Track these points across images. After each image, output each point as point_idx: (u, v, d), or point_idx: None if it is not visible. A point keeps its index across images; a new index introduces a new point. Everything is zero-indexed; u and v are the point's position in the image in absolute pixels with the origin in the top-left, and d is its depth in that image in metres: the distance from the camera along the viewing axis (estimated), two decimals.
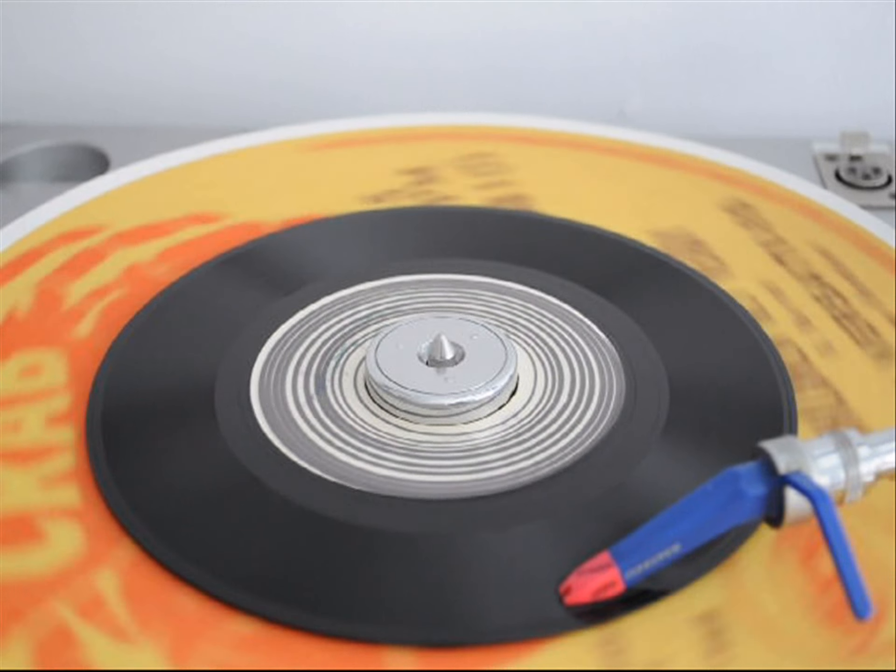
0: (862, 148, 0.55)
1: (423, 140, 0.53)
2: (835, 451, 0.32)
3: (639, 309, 0.43)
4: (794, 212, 0.48)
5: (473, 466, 0.37)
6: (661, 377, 0.40)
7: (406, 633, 0.32)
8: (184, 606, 0.33)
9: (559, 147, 0.53)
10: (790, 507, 0.31)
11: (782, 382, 0.39)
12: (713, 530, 0.32)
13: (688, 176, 0.51)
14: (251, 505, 0.35)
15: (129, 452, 0.37)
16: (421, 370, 0.39)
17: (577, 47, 0.62)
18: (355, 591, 0.33)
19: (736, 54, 0.62)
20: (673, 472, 0.36)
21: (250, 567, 0.34)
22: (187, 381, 0.40)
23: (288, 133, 0.54)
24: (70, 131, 0.57)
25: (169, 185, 0.50)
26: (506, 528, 0.35)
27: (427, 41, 0.62)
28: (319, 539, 0.34)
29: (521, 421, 0.39)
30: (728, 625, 0.32)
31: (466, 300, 0.43)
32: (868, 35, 0.61)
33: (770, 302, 0.43)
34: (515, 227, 0.47)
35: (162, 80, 0.63)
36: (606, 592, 0.32)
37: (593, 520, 0.35)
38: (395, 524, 0.35)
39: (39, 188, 0.55)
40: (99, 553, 0.34)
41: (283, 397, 0.39)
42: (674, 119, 0.63)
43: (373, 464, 0.37)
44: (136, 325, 0.42)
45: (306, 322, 0.42)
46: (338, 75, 0.63)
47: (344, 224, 0.48)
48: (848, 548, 0.30)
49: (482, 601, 0.33)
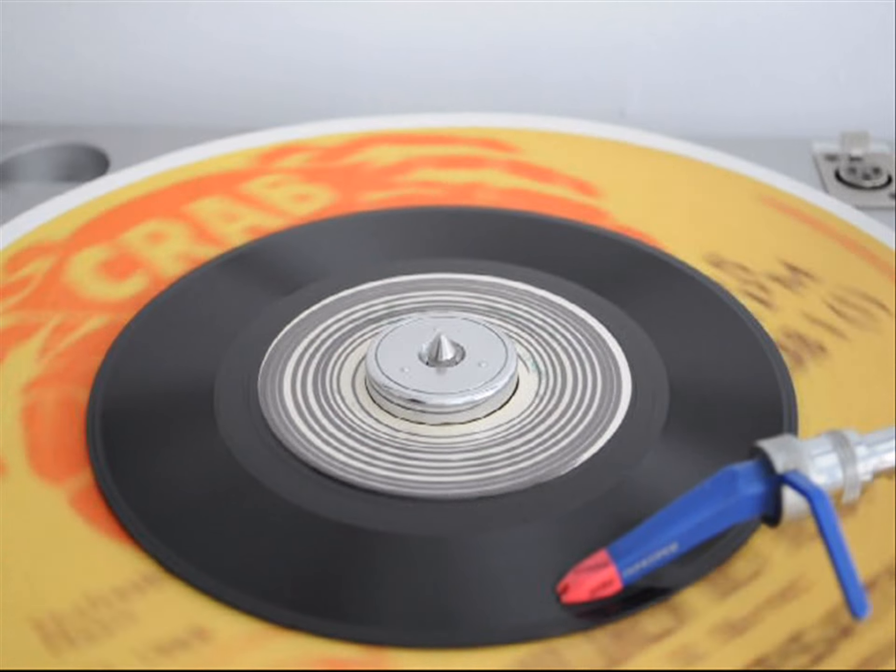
0: (862, 148, 0.55)
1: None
2: (832, 451, 0.32)
3: (639, 308, 0.43)
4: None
5: (474, 466, 0.37)
6: (661, 377, 0.40)
7: (406, 633, 0.32)
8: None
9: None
10: (787, 505, 0.31)
11: (782, 382, 0.39)
12: (711, 529, 0.32)
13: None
14: (250, 505, 0.35)
15: (129, 452, 0.37)
16: (421, 370, 0.39)
17: (577, 48, 0.62)
18: (355, 591, 0.33)
19: (736, 55, 0.62)
20: (673, 472, 0.36)
21: (250, 567, 0.34)
22: (187, 380, 0.40)
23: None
24: (70, 131, 0.57)
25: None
26: (506, 527, 0.35)
27: (427, 42, 0.62)
28: (318, 539, 0.34)
29: (521, 421, 0.39)
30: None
31: (467, 300, 0.43)
32: (868, 35, 0.61)
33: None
34: (516, 227, 0.47)
35: (162, 80, 0.63)
36: (604, 591, 0.32)
37: (593, 519, 0.35)
38: (394, 524, 0.35)
39: (39, 188, 0.55)
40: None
41: (282, 397, 0.39)
42: (674, 119, 0.62)
43: (372, 464, 0.37)
44: (136, 326, 0.42)
45: (306, 322, 0.42)
46: (338, 77, 0.63)
47: (344, 224, 0.48)
48: (845, 547, 0.30)
49: (482, 601, 0.33)
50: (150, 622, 0.32)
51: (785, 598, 0.33)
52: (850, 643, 0.31)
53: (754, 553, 0.34)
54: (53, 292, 0.44)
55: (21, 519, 0.36)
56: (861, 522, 0.35)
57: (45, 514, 0.36)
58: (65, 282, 0.45)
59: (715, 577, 0.33)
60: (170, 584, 0.33)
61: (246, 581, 0.33)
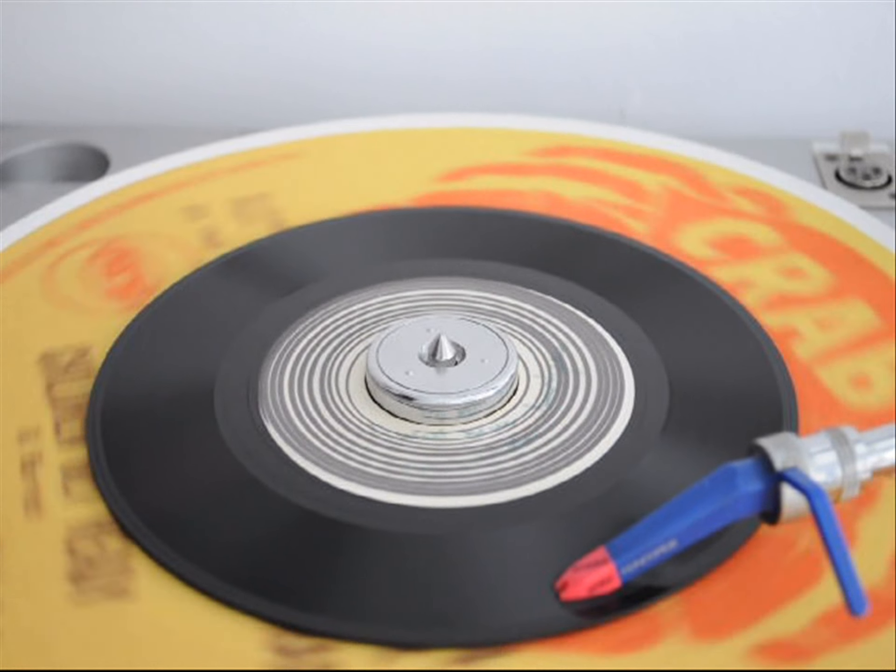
0: (862, 148, 0.55)
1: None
2: (831, 448, 0.32)
3: (639, 308, 0.43)
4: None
5: (474, 466, 0.37)
6: (661, 376, 0.40)
7: (406, 633, 0.32)
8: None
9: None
10: (786, 503, 0.31)
11: (783, 381, 0.39)
12: (710, 527, 0.32)
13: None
14: (251, 505, 0.35)
15: (130, 452, 0.37)
16: (421, 370, 0.39)
17: (577, 48, 0.62)
18: (355, 591, 0.33)
19: (736, 55, 0.62)
20: (673, 471, 0.36)
21: (250, 567, 0.34)
22: (187, 381, 0.40)
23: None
24: (70, 131, 0.57)
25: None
26: (506, 527, 0.35)
27: (427, 42, 0.62)
28: (318, 539, 0.34)
29: (521, 420, 0.39)
30: None
31: (467, 300, 0.43)
32: (868, 35, 0.61)
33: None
34: (516, 228, 0.47)
35: (162, 80, 0.63)
36: (603, 588, 0.32)
37: (593, 518, 0.35)
38: (394, 524, 0.35)
39: (39, 188, 0.55)
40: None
41: (282, 397, 0.39)
42: (674, 119, 0.62)
43: (372, 464, 0.37)
44: (136, 326, 0.42)
45: (306, 322, 0.42)
46: (338, 77, 0.63)
47: (344, 224, 0.48)
48: (844, 545, 0.30)
49: (482, 601, 0.33)
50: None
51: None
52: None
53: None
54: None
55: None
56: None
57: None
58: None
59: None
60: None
61: (246, 580, 0.33)
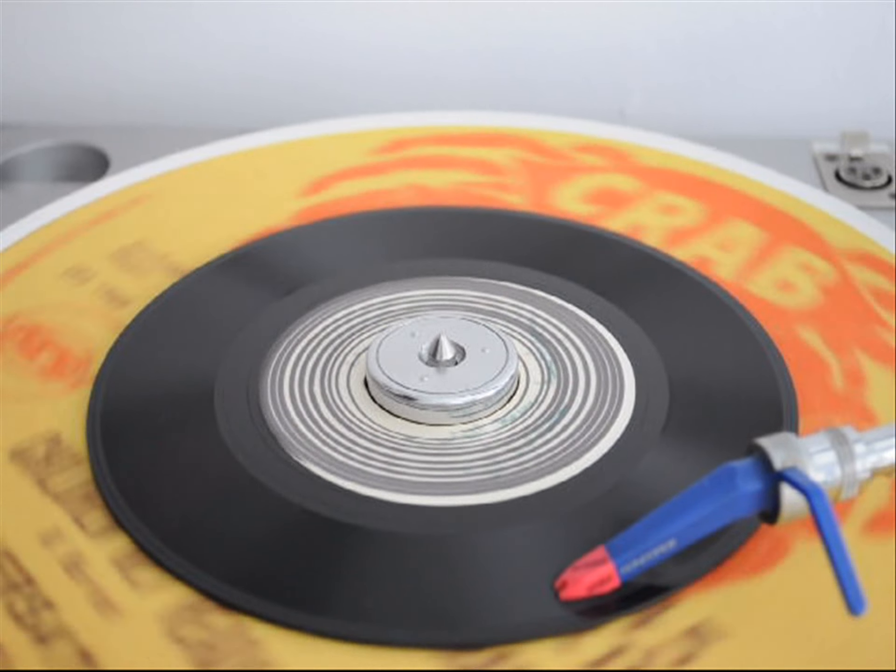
0: (862, 148, 0.55)
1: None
2: (831, 448, 0.32)
3: (639, 308, 0.43)
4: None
5: (474, 466, 0.37)
6: (661, 376, 0.40)
7: (406, 632, 0.32)
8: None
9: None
10: (785, 503, 0.31)
11: (783, 381, 0.39)
12: (709, 526, 0.32)
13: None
14: (251, 505, 0.35)
15: (130, 452, 0.37)
16: (422, 370, 0.39)
17: (577, 48, 0.62)
18: (355, 591, 0.33)
19: (736, 54, 0.62)
20: (673, 471, 0.36)
21: (250, 567, 0.34)
22: (187, 381, 0.40)
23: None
24: (70, 131, 0.57)
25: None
26: (506, 527, 0.35)
27: (427, 42, 0.62)
28: (319, 539, 0.34)
29: (521, 420, 0.39)
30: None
31: (467, 300, 0.43)
32: (868, 35, 0.61)
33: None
34: (516, 228, 0.47)
35: (162, 80, 0.63)
36: (602, 587, 0.32)
37: (593, 518, 0.35)
38: (394, 524, 0.35)
39: (39, 188, 0.55)
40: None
41: (282, 397, 0.39)
42: (674, 119, 0.63)
43: (372, 464, 0.37)
44: (136, 326, 0.42)
45: (306, 322, 0.42)
46: (338, 77, 0.63)
47: (343, 224, 0.48)
48: (843, 544, 0.30)
49: (483, 601, 0.33)
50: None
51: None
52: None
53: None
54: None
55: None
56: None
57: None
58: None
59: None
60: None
61: (246, 580, 0.33)
